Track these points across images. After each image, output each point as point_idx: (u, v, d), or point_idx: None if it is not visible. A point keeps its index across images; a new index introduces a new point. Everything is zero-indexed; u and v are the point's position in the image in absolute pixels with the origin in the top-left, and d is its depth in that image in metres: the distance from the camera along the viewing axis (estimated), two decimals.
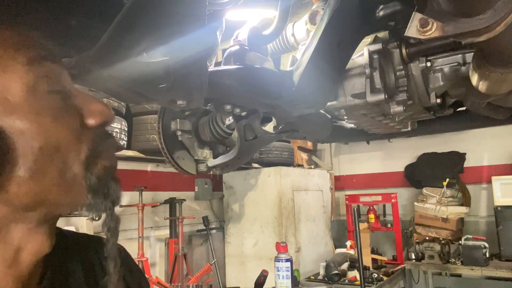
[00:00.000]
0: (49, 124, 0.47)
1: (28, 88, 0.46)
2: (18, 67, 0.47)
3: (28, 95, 0.46)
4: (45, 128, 0.46)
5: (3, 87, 0.45)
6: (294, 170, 4.71)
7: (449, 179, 4.45)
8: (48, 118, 0.47)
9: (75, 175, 0.49)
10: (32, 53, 0.48)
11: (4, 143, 0.43)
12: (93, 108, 0.52)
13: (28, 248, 0.48)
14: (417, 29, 0.81)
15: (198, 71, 0.91)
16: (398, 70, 1.44)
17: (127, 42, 0.73)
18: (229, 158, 1.66)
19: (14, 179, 0.44)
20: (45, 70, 0.49)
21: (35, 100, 0.46)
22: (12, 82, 0.46)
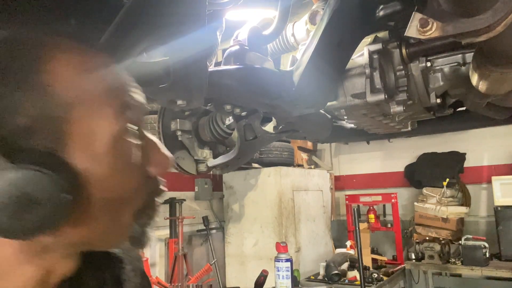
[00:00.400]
0: (121, 178, 0.47)
1: (113, 137, 0.46)
2: (109, 115, 0.46)
3: (111, 145, 0.45)
4: (118, 181, 0.46)
5: (92, 132, 0.44)
6: (294, 170, 4.71)
7: (449, 179, 4.45)
8: (121, 171, 0.47)
9: (123, 225, 0.49)
10: (121, 101, 0.48)
11: (81, 193, 0.43)
12: (158, 159, 0.52)
13: (58, 271, 0.49)
14: (417, 29, 0.81)
15: (198, 71, 0.91)
16: (398, 70, 1.44)
17: (127, 42, 0.73)
18: (229, 158, 1.66)
19: (71, 222, 0.43)
20: (128, 119, 0.48)
21: (116, 152, 0.46)
22: (101, 128, 0.45)
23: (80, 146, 0.43)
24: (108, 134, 0.45)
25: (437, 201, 4.47)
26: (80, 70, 0.46)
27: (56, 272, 0.48)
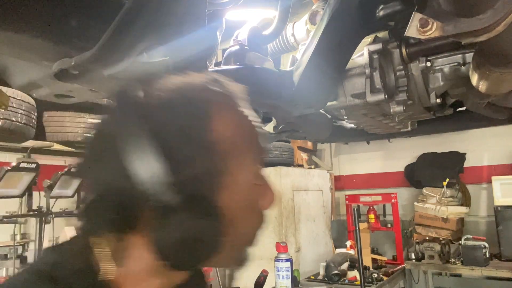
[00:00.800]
0: (248, 216, 0.56)
1: (250, 183, 0.55)
2: (250, 164, 0.55)
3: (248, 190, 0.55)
4: (246, 220, 0.56)
5: (237, 181, 0.53)
6: (294, 170, 4.71)
7: (449, 179, 4.44)
8: (249, 211, 0.56)
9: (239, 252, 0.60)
10: (258, 149, 0.57)
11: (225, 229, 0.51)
12: (269, 197, 0.58)
13: (175, 281, 0.56)
14: (417, 29, 0.81)
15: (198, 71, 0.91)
16: (398, 70, 1.44)
17: (127, 42, 0.73)
18: None
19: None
20: (261, 163, 0.58)
21: (250, 195, 0.55)
22: (243, 177, 0.54)
23: (228, 194, 0.52)
24: (247, 181, 0.55)
25: (437, 201, 4.47)
26: (234, 127, 0.54)
27: (174, 282, 0.56)
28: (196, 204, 0.48)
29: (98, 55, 0.72)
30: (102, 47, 0.71)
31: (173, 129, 0.49)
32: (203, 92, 0.54)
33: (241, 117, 0.57)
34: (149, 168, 0.46)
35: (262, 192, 0.58)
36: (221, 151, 0.51)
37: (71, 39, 0.81)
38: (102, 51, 0.71)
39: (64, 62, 0.73)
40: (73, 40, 0.81)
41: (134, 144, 0.47)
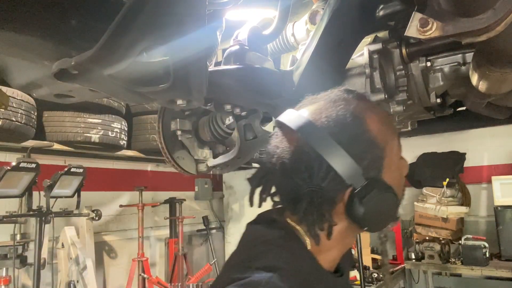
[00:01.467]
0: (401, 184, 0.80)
1: (399, 160, 0.78)
2: (396, 146, 0.77)
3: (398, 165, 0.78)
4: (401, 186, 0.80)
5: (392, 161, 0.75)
6: None
7: (449, 179, 4.44)
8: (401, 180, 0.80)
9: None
10: (397, 131, 0.79)
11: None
12: (406, 165, 0.80)
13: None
14: (417, 29, 0.81)
15: (198, 71, 0.91)
16: (398, 70, 1.44)
17: (127, 42, 0.73)
18: (229, 158, 1.66)
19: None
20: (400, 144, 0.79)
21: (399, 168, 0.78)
22: (395, 157, 0.76)
23: (389, 172, 0.73)
24: (397, 159, 0.77)
25: (437, 201, 4.47)
26: (379, 121, 0.74)
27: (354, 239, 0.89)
28: (376, 184, 0.70)
29: (98, 55, 0.72)
30: (102, 47, 0.71)
31: (351, 137, 0.69)
32: (352, 104, 0.73)
33: (377, 110, 0.77)
34: (346, 164, 0.68)
35: (403, 163, 0.78)
36: (380, 142, 0.72)
37: (71, 39, 0.81)
38: (102, 51, 0.71)
39: (64, 62, 0.73)
40: (73, 40, 0.81)
41: (330, 152, 0.68)
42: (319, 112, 0.73)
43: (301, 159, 0.70)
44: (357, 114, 0.72)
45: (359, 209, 0.68)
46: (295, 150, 0.71)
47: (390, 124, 0.77)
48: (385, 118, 0.76)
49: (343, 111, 0.72)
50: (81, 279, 3.02)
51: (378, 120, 0.74)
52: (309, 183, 0.69)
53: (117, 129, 3.28)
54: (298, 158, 0.71)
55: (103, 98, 3.12)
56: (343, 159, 0.68)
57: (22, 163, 2.40)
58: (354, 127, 0.71)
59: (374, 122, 0.73)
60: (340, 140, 0.68)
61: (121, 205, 3.81)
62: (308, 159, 0.69)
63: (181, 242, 3.98)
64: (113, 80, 0.79)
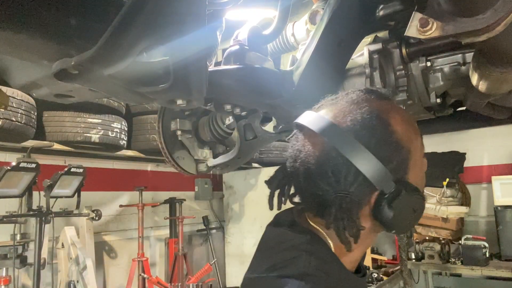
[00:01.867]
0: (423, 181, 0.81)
1: (423, 159, 0.80)
2: (420, 146, 0.78)
3: (422, 164, 0.80)
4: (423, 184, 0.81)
5: (417, 160, 0.76)
6: None
7: (449, 179, 4.44)
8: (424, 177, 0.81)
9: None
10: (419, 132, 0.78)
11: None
12: (425, 160, 0.81)
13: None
14: (417, 29, 0.81)
15: (198, 71, 0.91)
16: (398, 70, 1.44)
17: (127, 42, 0.73)
18: (229, 158, 1.66)
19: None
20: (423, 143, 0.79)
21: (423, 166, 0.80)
22: (419, 156, 0.77)
23: (414, 172, 0.74)
24: (420, 159, 0.77)
25: (437, 201, 4.47)
26: (403, 122, 0.74)
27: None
28: (404, 186, 0.70)
29: (98, 55, 0.72)
30: (102, 47, 0.71)
31: (378, 140, 0.69)
32: (375, 105, 0.73)
33: (401, 111, 0.78)
34: (374, 169, 0.68)
35: (425, 162, 0.80)
36: (405, 143, 0.72)
37: (71, 39, 0.81)
38: (102, 51, 0.71)
39: (64, 62, 0.73)
40: (73, 40, 0.81)
41: (359, 156, 0.68)
42: (342, 115, 0.72)
43: (327, 164, 0.70)
44: (382, 115, 0.72)
45: (388, 213, 0.68)
46: (321, 154, 0.71)
47: (413, 123, 0.77)
48: (408, 118, 0.77)
49: (367, 113, 0.71)
50: (81, 279, 3.02)
51: (402, 120, 0.74)
52: (336, 187, 0.69)
53: (117, 129, 3.28)
54: (324, 162, 0.70)
55: (103, 98, 3.12)
56: (371, 163, 0.67)
57: (22, 163, 2.40)
58: (381, 130, 0.70)
59: (399, 123, 0.72)
60: (368, 144, 0.68)
61: (121, 205, 3.81)
62: (335, 163, 0.69)
63: (181, 242, 3.98)
64: (113, 80, 0.79)
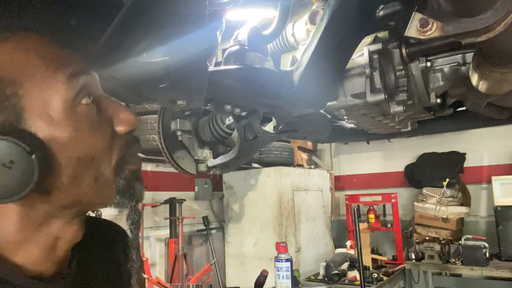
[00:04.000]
0: (86, 136, 0.53)
1: (68, 103, 0.52)
2: (58, 84, 0.52)
3: (67, 110, 0.52)
4: (83, 140, 0.52)
5: (45, 103, 0.50)
6: (294, 170, 4.71)
7: (449, 179, 4.45)
8: (85, 130, 0.53)
9: (107, 180, 0.55)
10: (70, 70, 0.53)
11: (47, 154, 0.49)
12: (122, 117, 0.58)
13: (65, 237, 0.56)
14: (417, 29, 0.81)
15: (198, 71, 0.91)
16: (398, 70, 1.44)
17: (127, 42, 0.73)
18: (229, 158, 1.66)
19: (55, 185, 0.51)
20: (82, 84, 0.54)
21: (73, 114, 0.52)
22: (53, 98, 0.51)
23: (36, 116, 0.49)
24: (61, 101, 0.51)
25: (437, 201, 4.47)
26: (16, 52, 0.51)
27: (64, 238, 0.56)
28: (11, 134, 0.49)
29: (98, 55, 0.72)
30: (102, 47, 0.71)
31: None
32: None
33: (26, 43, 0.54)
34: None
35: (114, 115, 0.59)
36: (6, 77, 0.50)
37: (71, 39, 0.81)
38: (102, 51, 0.71)
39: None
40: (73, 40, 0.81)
41: None
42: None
43: None
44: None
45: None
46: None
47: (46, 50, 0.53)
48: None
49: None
50: None
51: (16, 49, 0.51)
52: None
53: None
54: None
55: None
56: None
57: None
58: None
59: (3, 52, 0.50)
60: None
61: None
62: None
63: (181, 242, 3.98)
64: (113, 80, 0.79)
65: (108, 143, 0.55)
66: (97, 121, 0.55)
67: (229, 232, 4.70)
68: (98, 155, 0.54)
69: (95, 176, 0.54)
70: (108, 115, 0.57)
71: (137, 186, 0.60)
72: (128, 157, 0.58)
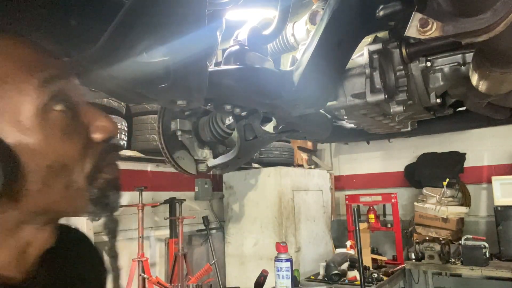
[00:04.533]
0: (57, 143, 0.50)
1: (39, 109, 0.49)
2: (31, 89, 0.49)
3: (38, 116, 0.49)
4: (54, 147, 0.50)
5: (16, 109, 0.48)
6: (294, 170, 4.71)
7: (449, 179, 4.45)
8: (57, 137, 0.51)
9: (79, 189, 0.53)
10: (45, 74, 0.51)
11: (15, 160, 0.47)
12: (99, 124, 0.55)
13: (35, 243, 0.54)
14: (417, 29, 0.81)
15: (198, 71, 0.91)
16: (398, 70, 1.44)
17: (127, 42, 0.73)
18: (229, 158, 1.66)
19: (24, 192, 0.49)
20: (57, 89, 0.51)
21: (45, 121, 0.50)
22: (24, 104, 0.48)
23: (4, 121, 0.47)
24: (32, 107, 0.49)
25: (437, 201, 4.47)
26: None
27: (35, 244, 0.54)
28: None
29: (98, 55, 0.72)
30: (102, 47, 0.71)
31: None
32: None
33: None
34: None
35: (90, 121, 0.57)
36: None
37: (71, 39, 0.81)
38: (102, 51, 0.71)
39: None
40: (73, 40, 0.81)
41: None
42: None
43: None
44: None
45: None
46: None
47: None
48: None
49: None
50: None
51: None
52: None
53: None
54: None
55: (103, 98, 3.12)
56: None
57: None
58: None
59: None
60: None
61: (121, 205, 3.81)
62: None
63: (181, 242, 3.97)
64: (113, 80, 0.79)
65: (81, 151, 0.53)
66: (70, 128, 0.52)
67: (229, 232, 4.70)
68: (70, 163, 0.52)
69: (66, 184, 0.52)
70: (84, 122, 0.55)
71: (112, 194, 0.58)
72: (103, 165, 0.56)
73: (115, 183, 0.58)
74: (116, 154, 0.60)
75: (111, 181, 0.57)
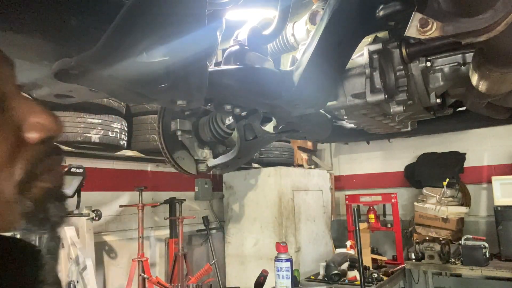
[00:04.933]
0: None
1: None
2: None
3: None
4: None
5: None
6: (294, 170, 4.71)
7: (449, 179, 4.45)
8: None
9: (7, 200, 0.43)
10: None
11: None
12: (35, 121, 0.44)
13: None
14: (417, 29, 0.81)
15: (198, 71, 0.91)
16: (398, 70, 1.44)
17: (127, 42, 0.73)
18: (229, 158, 1.66)
19: None
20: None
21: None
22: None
23: None
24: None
25: (437, 201, 4.47)
26: None
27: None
28: None
29: (98, 55, 0.72)
30: (102, 47, 0.71)
31: None
32: None
33: None
34: None
35: (24, 119, 0.46)
36: None
37: (71, 39, 0.81)
38: (102, 51, 0.71)
39: (64, 62, 0.73)
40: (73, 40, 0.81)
41: None
42: None
43: None
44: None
45: None
46: None
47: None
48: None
49: None
50: (81, 279, 3.02)
51: None
52: None
53: (117, 129, 3.28)
54: None
55: (103, 98, 3.12)
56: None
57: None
58: None
59: None
60: None
61: (121, 205, 3.81)
62: None
63: (181, 242, 3.97)
64: (113, 80, 0.79)
65: (9, 154, 0.42)
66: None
67: (229, 232, 4.70)
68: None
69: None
70: (15, 118, 0.44)
71: (53, 207, 0.47)
72: (40, 172, 0.45)
73: (57, 193, 0.48)
74: (58, 157, 0.49)
75: (51, 191, 0.47)
